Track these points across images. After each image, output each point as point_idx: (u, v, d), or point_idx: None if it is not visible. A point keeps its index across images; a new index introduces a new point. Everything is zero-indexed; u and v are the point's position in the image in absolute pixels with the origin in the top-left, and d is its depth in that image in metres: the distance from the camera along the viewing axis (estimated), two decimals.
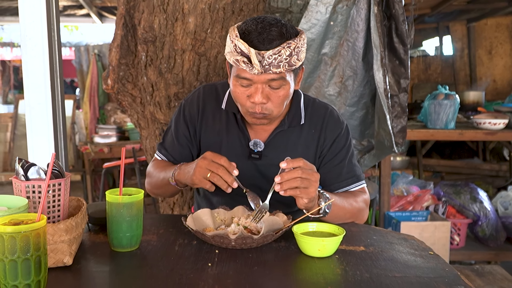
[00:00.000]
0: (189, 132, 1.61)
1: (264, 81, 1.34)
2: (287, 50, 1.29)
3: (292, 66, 1.33)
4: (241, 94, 1.39)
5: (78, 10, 6.31)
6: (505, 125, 3.21)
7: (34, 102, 2.16)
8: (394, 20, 2.32)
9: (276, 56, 1.29)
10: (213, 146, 1.58)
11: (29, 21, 2.12)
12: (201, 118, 1.59)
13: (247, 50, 1.29)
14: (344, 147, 1.56)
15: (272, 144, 1.54)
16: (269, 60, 1.29)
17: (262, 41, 1.30)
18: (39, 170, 1.15)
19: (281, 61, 1.30)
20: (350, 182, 1.55)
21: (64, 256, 1.08)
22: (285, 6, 2.51)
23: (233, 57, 1.32)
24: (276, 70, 1.31)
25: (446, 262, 1.18)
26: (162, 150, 1.66)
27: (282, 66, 1.31)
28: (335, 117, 1.58)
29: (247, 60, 1.30)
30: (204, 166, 1.31)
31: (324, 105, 1.61)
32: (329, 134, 1.55)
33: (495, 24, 6.19)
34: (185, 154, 1.62)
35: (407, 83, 2.44)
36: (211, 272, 1.07)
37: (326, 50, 2.34)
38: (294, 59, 1.32)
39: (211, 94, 1.61)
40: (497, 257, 3.36)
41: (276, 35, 1.30)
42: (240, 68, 1.33)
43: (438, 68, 6.50)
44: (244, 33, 1.32)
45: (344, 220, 1.47)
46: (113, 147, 5.09)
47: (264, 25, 1.31)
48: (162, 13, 2.08)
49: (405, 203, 3.42)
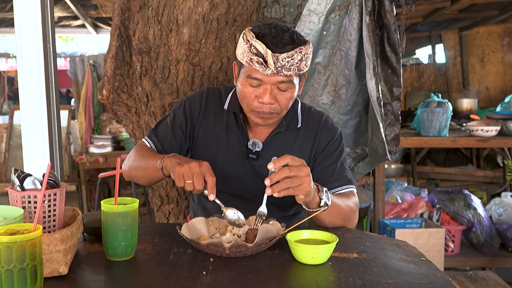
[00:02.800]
0: (186, 126, 1.62)
1: (274, 82, 1.40)
2: (299, 55, 1.37)
3: (300, 71, 1.40)
4: (250, 94, 1.44)
5: (73, 21, 6.32)
6: (497, 132, 3.24)
7: (29, 113, 2.17)
8: (386, 29, 2.35)
9: (289, 59, 1.36)
10: (211, 145, 1.61)
11: (24, 33, 2.14)
12: (202, 116, 1.63)
13: (264, 51, 1.35)
14: (336, 150, 1.61)
15: (270, 145, 1.59)
16: (283, 63, 1.36)
17: (277, 44, 1.36)
18: (34, 180, 1.16)
19: (292, 64, 1.37)
20: (341, 183, 1.58)
21: (60, 265, 1.09)
22: (279, 16, 2.54)
23: (248, 57, 1.38)
24: (287, 73, 1.38)
25: (438, 268, 1.19)
26: (152, 137, 1.64)
27: (293, 70, 1.38)
28: (329, 124, 1.65)
29: (262, 61, 1.36)
30: (192, 172, 1.29)
31: (319, 112, 1.68)
32: (323, 138, 1.61)
33: (487, 32, 6.26)
34: (175, 145, 1.62)
35: (400, 91, 2.47)
36: (206, 280, 1.08)
37: (319, 60, 2.37)
38: (303, 64, 1.40)
39: (214, 96, 1.65)
40: (492, 263, 3.38)
41: (289, 40, 1.38)
42: (252, 68, 1.39)
43: (431, 76, 6.55)
44: (258, 35, 1.38)
45: (339, 220, 1.49)
46: (109, 157, 5.09)
47: (277, 30, 1.39)
48: (157, 24, 2.11)
49: (399, 210, 3.44)
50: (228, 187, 1.60)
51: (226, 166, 1.59)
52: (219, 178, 1.59)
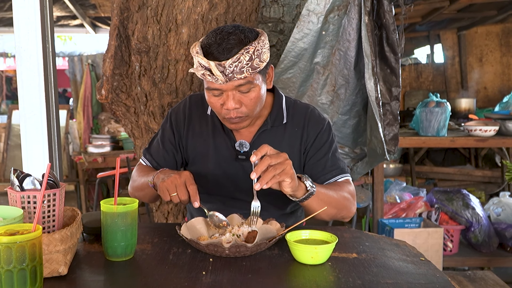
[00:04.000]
0: (174, 138, 1.66)
1: (232, 87, 1.40)
2: (246, 56, 1.35)
3: (256, 69, 1.38)
4: (215, 104, 1.46)
5: (72, 21, 6.32)
6: (495, 132, 3.24)
7: (29, 113, 2.17)
8: (385, 29, 2.36)
9: (236, 63, 1.35)
10: (201, 151, 1.63)
11: (24, 33, 2.14)
12: (188, 125, 1.65)
13: (207, 64, 1.35)
14: (326, 142, 1.59)
15: (257, 144, 1.56)
16: (231, 69, 1.35)
17: (222, 52, 1.36)
18: (34, 180, 1.16)
19: (242, 67, 1.35)
20: (334, 174, 1.57)
21: (59, 265, 1.09)
22: (278, 16, 2.54)
23: (199, 72, 1.39)
24: (240, 76, 1.37)
25: (437, 268, 1.20)
26: (147, 155, 1.71)
27: (246, 71, 1.36)
28: (316, 115, 1.62)
29: (210, 73, 1.36)
30: (174, 183, 1.36)
31: (305, 105, 1.66)
32: (311, 131, 1.59)
33: (485, 32, 6.27)
34: (169, 159, 1.66)
35: (399, 91, 2.47)
36: (206, 280, 1.08)
37: (318, 59, 2.37)
38: (256, 61, 1.38)
39: (197, 102, 1.67)
40: (490, 263, 3.38)
41: (235, 43, 1.36)
42: (207, 80, 1.40)
43: (430, 76, 6.56)
44: (205, 47, 1.39)
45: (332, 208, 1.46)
46: (107, 157, 5.09)
47: (222, 36, 1.38)
48: (156, 24, 2.11)
49: (398, 210, 3.44)
50: (222, 190, 1.61)
51: (218, 170, 1.60)
52: (212, 182, 1.61)
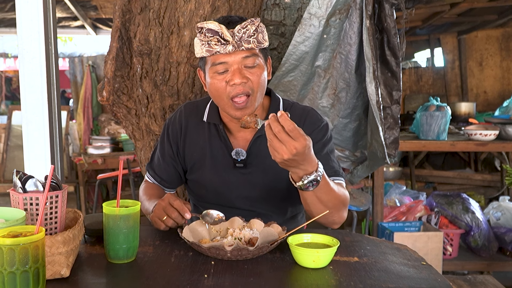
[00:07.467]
0: (172, 151, 1.65)
1: (239, 60, 1.41)
2: (252, 26, 1.40)
3: (261, 44, 1.42)
4: (219, 84, 1.44)
5: (73, 22, 6.32)
6: (495, 136, 3.25)
7: (31, 115, 2.17)
8: (386, 33, 2.36)
9: (245, 30, 1.39)
10: (198, 159, 1.61)
11: (26, 34, 2.14)
12: (184, 135, 1.63)
13: (218, 27, 1.38)
14: (320, 141, 1.54)
15: (254, 151, 1.56)
16: (239, 35, 1.38)
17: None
18: (36, 182, 1.16)
19: (250, 36, 1.39)
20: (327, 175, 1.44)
21: (62, 268, 1.09)
22: (279, 19, 2.55)
23: (206, 44, 1.40)
24: (247, 46, 1.40)
25: (439, 273, 1.20)
26: (150, 171, 1.72)
27: (252, 42, 1.40)
28: (313, 116, 1.59)
29: (219, 38, 1.38)
30: (161, 208, 1.39)
31: (304, 107, 1.63)
32: (307, 129, 1.52)
33: (485, 36, 6.28)
34: (171, 172, 1.67)
35: (399, 95, 2.47)
36: (207, 283, 1.08)
37: (320, 63, 2.38)
38: (261, 37, 1.42)
39: (192, 111, 1.66)
40: (490, 267, 3.38)
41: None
42: (214, 55, 1.41)
43: (430, 80, 6.57)
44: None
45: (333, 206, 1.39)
46: (107, 158, 5.09)
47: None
48: (158, 26, 2.11)
49: (398, 213, 3.44)
50: (220, 199, 1.60)
51: (216, 178, 1.58)
52: (211, 190, 1.60)
